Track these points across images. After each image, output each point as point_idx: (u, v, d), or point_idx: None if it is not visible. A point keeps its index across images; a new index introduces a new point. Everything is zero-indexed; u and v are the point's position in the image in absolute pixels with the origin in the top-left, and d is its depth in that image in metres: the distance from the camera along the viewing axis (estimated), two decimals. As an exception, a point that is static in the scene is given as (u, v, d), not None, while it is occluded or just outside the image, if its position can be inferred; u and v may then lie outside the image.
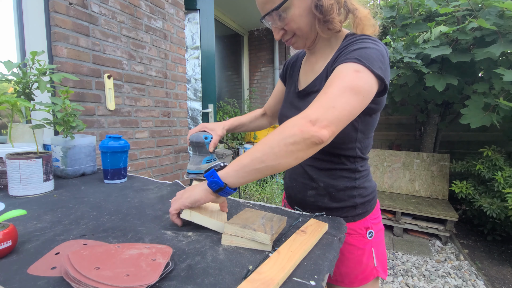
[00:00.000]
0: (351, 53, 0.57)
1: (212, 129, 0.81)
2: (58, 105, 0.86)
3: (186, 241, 0.50)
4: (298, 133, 0.49)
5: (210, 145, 0.77)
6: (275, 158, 0.50)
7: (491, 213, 2.13)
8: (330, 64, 0.66)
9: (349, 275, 0.73)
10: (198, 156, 0.77)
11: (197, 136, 0.76)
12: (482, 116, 2.02)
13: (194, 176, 0.74)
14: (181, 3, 2.09)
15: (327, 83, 0.55)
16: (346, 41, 0.65)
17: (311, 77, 0.74)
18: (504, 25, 1.92)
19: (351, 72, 0.54)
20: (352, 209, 0.73)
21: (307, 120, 0.50)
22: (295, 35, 0.67)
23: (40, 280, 0.37)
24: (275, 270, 0.39)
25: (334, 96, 0.51)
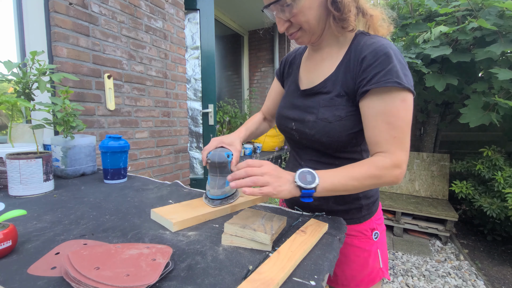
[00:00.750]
0: (386, 74, 0.55)
1: (230, 144, 0.70)
2: (58, 105, 0.86)
3: (186, 241, 0.50)
4: (390, 183, 0.59)
5: (232, 164, 0.66)
6: (360, 191, 0.61)
7: (491, 213, 2.13)
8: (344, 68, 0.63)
9: (355, 278, 0.72)
10: (221, 177, 0.66)
11: (219, 155, 0.65)
12: (481, 115, 2.02)
13: (219, 202, 0.65)
14: (181, 3, 2.09)
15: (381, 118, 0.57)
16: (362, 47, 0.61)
17: (316, 76, 0.70)
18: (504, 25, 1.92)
19: (400, 103, 0.56)
20: (358, 211, 0.72)
21: (400, 171, 0.57)
22: (301, 28, 0.63)
23: (40, 280, 0.37)
24: (275, 270, 0.39)
25: (402, 139, 0.57)
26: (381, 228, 0.75)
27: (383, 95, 0.57)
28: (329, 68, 0.67)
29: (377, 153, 0.59)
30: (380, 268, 0.73)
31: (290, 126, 0.73)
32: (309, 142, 0.70)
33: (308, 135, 0.68)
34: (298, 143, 0.75)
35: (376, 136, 0.59)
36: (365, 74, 0.58)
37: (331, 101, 0.64)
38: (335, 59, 0.67)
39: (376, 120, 0.58)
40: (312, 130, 0.66)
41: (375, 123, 0.58)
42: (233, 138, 0.73)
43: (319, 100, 0.67)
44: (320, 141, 0.66)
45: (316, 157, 0.72)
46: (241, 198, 0.72)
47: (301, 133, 0.70)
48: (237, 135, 0.76)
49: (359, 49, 0.61)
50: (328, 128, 0.63)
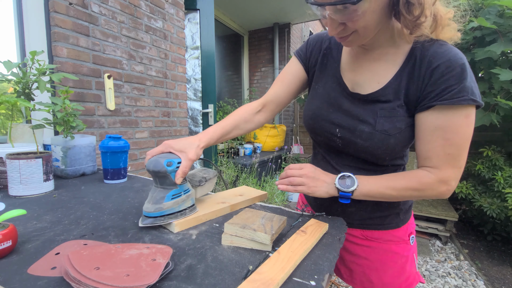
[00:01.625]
0: (463, 91, 0.50)
1: (180, 150, 0.57)
2: (58, 105, 0.86)
3: (186, 241, 0.50)
4: (435, 196, 0.58)
5: (177, 175, 0.54)
6: (398, 200, 0.63)
7: (491, 213, 2.13)
8: (407, 75, 0.56)
9: (393, 284, 0.69)
10: (160, 190, 0.54)
11: (156, 162, 0.53)
12: (481, 115, 2.02)
13: (151, 221, 0.52)
14: (181, 3, 2.09)
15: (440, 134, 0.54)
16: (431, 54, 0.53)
17: (367, 79, 0.62)
18: (504, 24, 1.92)
19: (463, 120, 0.53)
20: (396, 215, 0.69)
21: (447, 187, 0.56)
22: (356, 32, 0.52)
23: (40, 280, 0.37)
24: (275, 270, 0.39)
25: (457, 156, 0.55)
26: (414, 231, 0.73)
27: (447, 110, 0.52)
28: (385, 72, 0.59)
29: (425, 167, 0.57)
30: (416, 272, 0.72)
31: (333, 132, 0.65)
32: (356, 152, 0.64)
33: (359, 145, 0.61)
34: (337, 148, 0.68)
35: (429, 151, 0.55)
36: (434, 86, 0.52)
37: (392, 112, 0.57)
38: (392, 63, 0.59)
39: (433, 135, 0.54)
40: (367, 141, 0.60)
41: (430, 138, 0.55)
42: (187, 143, 0.58)
43: (375, 109, 0.59)
44: (373, 153, 0.61)
45: (357, 164, 0.66)
46: (240, 197, 0.72)
47: (349, 142, 0.63)
48: (197, 139, 0.61)
49: (429, 56, 0.53)
50: (387, 140, 0.58)
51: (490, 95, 2.03)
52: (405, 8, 0.48)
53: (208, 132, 0.64)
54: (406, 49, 0.57)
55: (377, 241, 0.69)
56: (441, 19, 0.52)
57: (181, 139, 0.59)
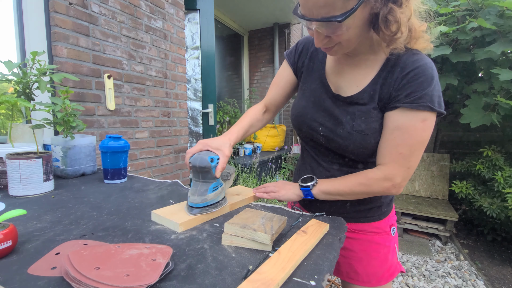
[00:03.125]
0: (423, 97, 0.55)
1: (217, 148, 0.64)
2: (58, 105, 0.86)
3: (186, 241, 0.50)
4: (382, 193, 0.64)
5: (217, 169, 0.61)
6: (355, 198, 0.69)
7: (491, 213, 2.13)
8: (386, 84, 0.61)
9: (377, 274, 0.74)
10: (203, 183, 0.61)
11: (201, 159, 0.59)
12: (482, 115, 2.02)
13: (199, 211, 0.59)
14: (181, 3, 2.09)
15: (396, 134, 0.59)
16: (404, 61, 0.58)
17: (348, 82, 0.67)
18: (504, 24, 1.92)
19: (419, 123, 0.57)
20: (378, 208, 0.74)
21: (391, 184, 0.61)
22: (339, 43, 0.57)
23: (40, 280, 0.37)
24: (276, 270, 0.39)
25: (407, 157, 0.59)
26: (395, 223, 0.79)
27: (407, 112, 0.58)
28: (364, 76, 0.65)
29: (378, 165, 0.64)
30: (398, 262, 0.77)
31: (317, 130, 0.71)
32: (338, 149, 0.69)
33: (339, 144, 0.67)
34: (322, 146, 0.73)
35: (385, 149, 0.62)
36: (402, 90, 0.58)
37: (367, 113, 0.63)
38: (371, 68, 0.64)
39: (392, 134, 0.60)
40: (346, 141, 0.65)
41: (389, 136, 0.61)
42: (221, 141, 0.65)
43: (354, 111, 0.64)
44: (353, 151, 0.66)
45: (341, 160, 0.72)
46: (237, 197, 0.73)
47: (331, 140, 0.68)
48: (227, 138, 0.68)
49: (402, 63, 0.59)
50: (364, 140, 0.63)
51: (490, 95, 2.03)
52: (383, 24, 0.53)
53: (233, 132, 0.72)
54: (384, 56, 0.63)
55: (361, 233, 0.75)
56: (415, 31, 0.57)
57: (214, 138, 0.67)
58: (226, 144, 0.65)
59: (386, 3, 0.51)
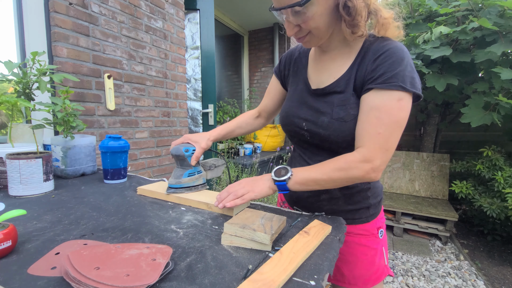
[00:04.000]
0: (394, 77, 0.57)
1: (195, 141, 0.78)
2: (58, 105, 0.86)
3: (186, 241, 0.50)
4: (361, 177, 0.60)
5: (192, 158, 0.74)
6: (333, 186, 0.64)
7: (491, 213, 2.13)
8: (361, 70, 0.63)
9: (363, 276, 0.73)
10: (180, 169, 0.75)
11: (177, 148, 0.73)
12: (482, 115, 2.02)
13: (173, 190, 0.72)
14: (181, 3, 2.09)
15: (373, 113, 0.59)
16: (375, 47, 0.61)
17: (327, 76, 0.70)
18: (504, 24, 1.92)
19: (395, 103, 0.57)
20: (366, 210, 0.73)
21: (371, 166, 0.58)
22: (310, 33, 0.62)
23: (40, 280, 0.37)
24: (277, 271, 0.39)
25: (386, 137, 0.58)
26: (384, 226, 0.78)
27: (382, 92, 0.58)
28: (340, 67, 0.67)
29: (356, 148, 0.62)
30: (385, 265, 0.76)
31: (301, 126, 0.73)
32: (321, 142, 0.70)
33: (322, 135, 0.68)
34: (307, 143, 0.74)
35: (363, 130, 0.60)
36: (373, 73, 0.60)
37: (345, 101, 0.64)
38: (346, 59, 0.67)
39: (368, 115, 0.59)
40: (327, 130, 0.66)
41: (366, 118, 0.60)
42: (201, 136, 0.80)
43: (332, 100, 0.67)
44: (335, 141, 0.66)
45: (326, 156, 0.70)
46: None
47: (314, 133, 0.70)
48: (208, 134, 0.82)
49: (373, 50, 0.62)
50: (344, 127, 0.64)
51: (490, 94, 2.03)
52: (344, 11, 0.58)
53: (216, 130, 0.85)
54: (358, 47, 0.66)
55: (349, 235, 0.74)
56: (383, 19, 0.61)
57: (196, 134, 0.79)
58: (204, 138, 0.79)
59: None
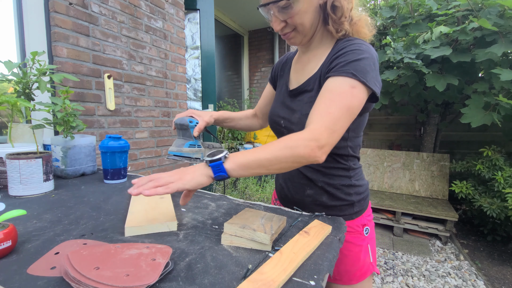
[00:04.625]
0: (347, 65, 0.59)
1: (199, 115, 0.80)
2: (58, 105, 0.86)
3: (186, 241, 0.50)
4: (307, 156, 0.55)
5: (194, 130, 0.76)
6: (279, 168, 0.56)
7: (491, 213, 2.13)
8: (324, 66, 0.67)
9: (348, 272, 0.74)
10: (182, 139, 0.77)
11: (181, 119, 0.77)
12: (482, 115, 2.02)
13: (173, 157, 0.75)
14: (181, 3, 2.09)
15: (326, 95, 0.59)
16: (341, 44, 0.65)
17: (302, 76, 0.74)
18: (504, 25, 1.92)
19: (348, 88, 0.58)
20: (350, 207, 0.74)
21: (317, 144, 0.55)
22: (295, 29, 0.66)
23: (40, 280, 0.37)
24: (277, 271, 0.39)
25: (336, 119, 0.57)
26: (371, 224, 0.79)
27: (335, 78, 0.60)
28: (313, 68, 0.71)
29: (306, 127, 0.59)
30: (370, 263, 0.76)
31: (280, 123, 0.77)
32: None
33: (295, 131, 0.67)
34: None
35: (314, 109, 0.59)
36: (332, 64, 0.63)
37: (313, 98, 0.66)
38: (319, 60, 0.71)
39: (321, 97, 0.60)
40: (298, 126, 0.69)
41: (319, 99, 0.60)
42: (204, 112, 0.82)
43: (303, 98, 0.71)
44: None
45: None
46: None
47: (289, 130, 0.73)
48: (211, 112, 0.85)
49: (338, 47, 0.66)
50: None
51: (490, 95, 2.03)
52: (331, 10, 0.64)
53: (219, 112, 0.88)
54: (330, 48, 0.70)
55: None
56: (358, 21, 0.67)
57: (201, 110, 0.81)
58: (208, 114, 0.82)
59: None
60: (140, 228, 0.52)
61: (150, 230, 0.53)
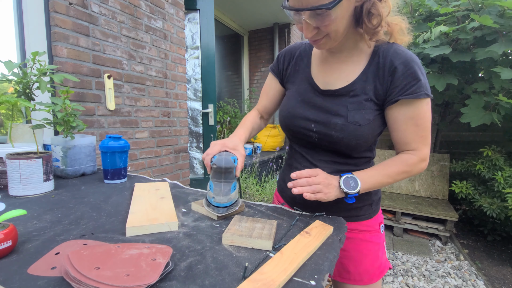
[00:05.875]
0: (419, 86, 0.61)
1: (234, 148, 0.67)
2: (58, 105, 0.86)
3: (186, 241, 0.50)
4: (418, 172, 0.68)
5: (237, 170, 0.63)
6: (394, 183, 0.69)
7: (491, 213, 2.13)
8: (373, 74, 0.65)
9: (369, 272, 0.74)
10: (225, 183, 0.62)
11: (226, 160, 0.61)
12: (482, 114, 2.02)
13: (226, 210, 0.61)
14: (181, 3, 2.09)
15: (411, 122, 0.64)
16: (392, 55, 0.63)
17: (336, 78, 0.69)
18: (504, 24, 1.91)
19: (426, 108, 0.63)
20: (369, 206, 0.75)
21: (425, 163, 0.67)
22: (327, 35, 0.60)
23: (40, 280, 0.37)
24: (277, 271, 0.39)
25: (426, 137, 0.66)
26: (383, 220, 0.80)
27: (413, 102, 0.62)
28: (352, 71, 0.68)
29: (405, 151, 0.67)
30: (386, 259, 0.78)
31: (309, 127, 0.71)
32: (330, 144, 0.69)
33: (333, 138, 0.67)
34: (313, 144, 0.73)
35: (407, 138, 0.66)
36: (397, 83, 0.62)
37: (360, 105, 0.65)
38: (357, 63, 0.68)
39: (407, 124, 0.64)
40: (341, 133, 0.66)
41: (405, 127, 0.65)
42: (236, 141, 0.69)
43: (345, 103, 0.66)
44: (347, 143, 0.67)
45: (331, 157, 0.72)
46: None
47: (324, 135, 0.69)
48: (238, 138, 0.73)
49: (388, 57, 0.63)
50: (359, 131, 0.65)
51: (490, 94, 2.03)
52: (367, 18, 0.58)
53: (241, 133, 0.77)
54: (368, 51, 0.67)
55: (354, 232, 0.75)
56: (395, 26, 0.63)
57: (228, 139, 0.69)
58: (241, 144, 0.70)
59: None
60: (141, 228, 0.52)
61: (151, 230, 0.53)
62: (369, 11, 0.57)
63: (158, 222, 0.54)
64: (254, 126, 0.86)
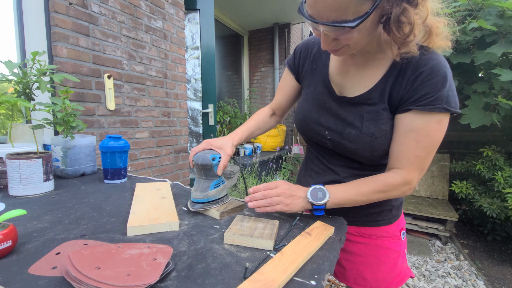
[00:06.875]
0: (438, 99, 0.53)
1: (219, 147, 0.66)
2: (58, 105, 0.86)
3: (186, 241, 0.50)
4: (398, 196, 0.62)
5: (218, 168, 0.63)
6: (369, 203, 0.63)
7: (491, 213, 2.13)
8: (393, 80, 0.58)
9: (386, 279, 0.71)
10: (205, 180, 0.64)
11: (203, 157, 0.62)
12: (482, 115, 2.02)
13: (201, 206, 0.62)
14: (181, 3, 2.09)
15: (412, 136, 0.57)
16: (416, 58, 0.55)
17: (355, 82, 0.64)
18: (504, 25, 1.92)
19: (435, 125, 0.56)
20: (389, 212, 0.71)
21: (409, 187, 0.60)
22: (347, 45, 0.54)
23: (41, 280, 0.37)
24: (277, 271, 0.39)
25: (424, 159, 0.58)
26: (405, 227, 0.76)
27: (422, 114, 0.55)
28: (372, 76, 0.61)
29: (393, 168, 0.61)
30: (407, 267, 0.74)
31: (322, 134, 0.68)
32: (345, 153, 0.67)
33: (347, 147, 0.64)
34: (328, 149, 0.71)
35: (401, 152, 0.59)
36: (415, 91, 0.55)
37: (377, 115, 0.60)
38: (379, 67, 0.61)
39: (406, 136, 0.57)
40: (355, 144, 0.62)
41: (404, 139, 0.58)
42: (224, 141, 0.68)
43: (361, 112, 0.62)
44: (361, 155, 0.63)
45: (349, 163, 0.69)
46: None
47: (338, 144, 0.66)
48: (230, 138, 0.71)
49: (414, 62, 0.55)
50: (374, 143, 0.60)
51: (490, 95, 2.03)
52: (395, 26, 0.48)
53: (237, 133, 0.75)
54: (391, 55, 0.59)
55: (371, 238, 0.72)
56: (434, 28, 0.53)
57: (218, 138, 0.69)
58: (228, 143, 0.68)
59: (400, 3, 0.46)
60: (142, 228, 0.52)
61: (152, 230, 0.53)
62: (398, 18, 0.47)
63: (159, 222, 0.54)
64: (260, 125, 0.83)
